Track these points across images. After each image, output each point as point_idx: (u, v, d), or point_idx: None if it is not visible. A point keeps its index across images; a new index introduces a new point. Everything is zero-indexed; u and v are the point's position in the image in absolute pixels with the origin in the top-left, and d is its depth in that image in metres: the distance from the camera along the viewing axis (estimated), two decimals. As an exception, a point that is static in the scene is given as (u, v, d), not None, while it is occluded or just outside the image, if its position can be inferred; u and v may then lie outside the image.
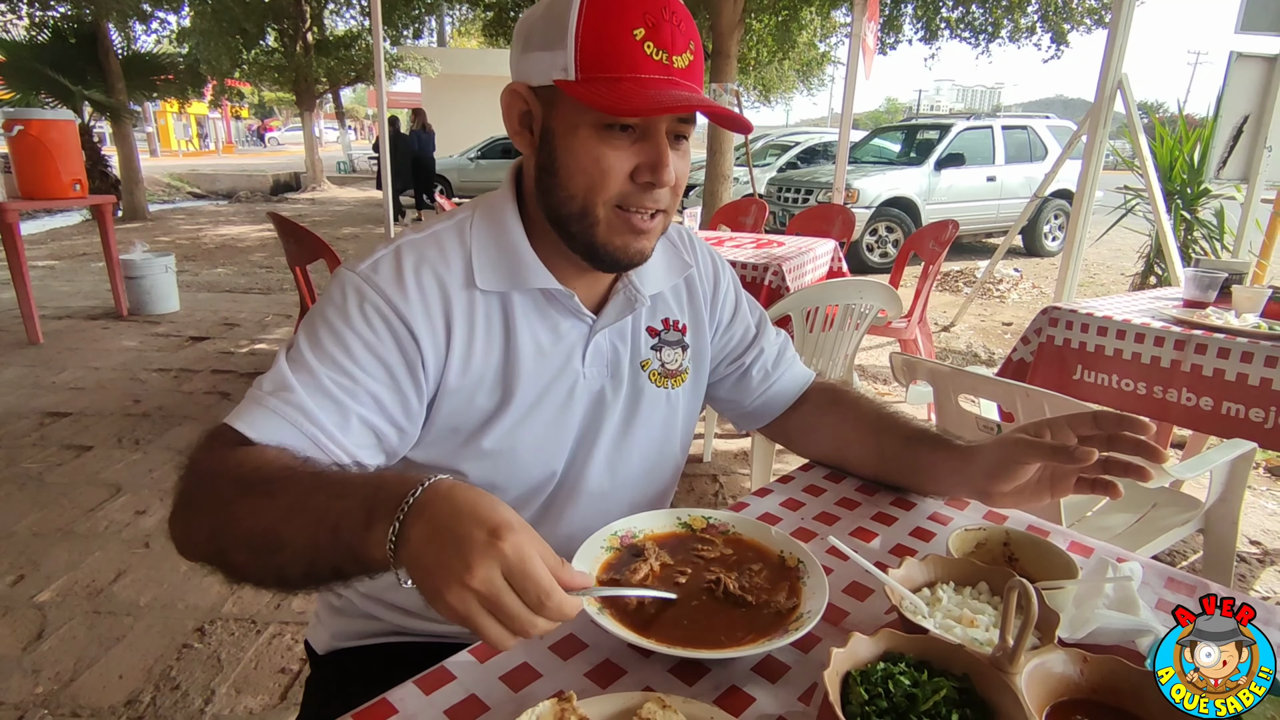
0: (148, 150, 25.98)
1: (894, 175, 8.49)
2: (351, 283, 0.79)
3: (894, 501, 0.94)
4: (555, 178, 0.79)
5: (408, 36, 16.50)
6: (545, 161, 0.80)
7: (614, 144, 0.75)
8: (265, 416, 0.72)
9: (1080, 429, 0.76)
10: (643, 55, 0.72)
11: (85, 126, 10.20)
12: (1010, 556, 0.74)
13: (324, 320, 0.78)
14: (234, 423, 0.72)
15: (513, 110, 0.81)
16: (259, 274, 7.12)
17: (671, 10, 0.73)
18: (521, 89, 0.79)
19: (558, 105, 0.77)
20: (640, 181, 0.77)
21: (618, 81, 0.72)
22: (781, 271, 2.89)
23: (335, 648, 0.95)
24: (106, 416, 3.42)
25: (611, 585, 0.68)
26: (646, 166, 0.76)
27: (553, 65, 0.74)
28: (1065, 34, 11.45)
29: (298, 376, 0.74)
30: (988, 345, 5.16)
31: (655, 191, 0.78)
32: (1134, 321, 1.97)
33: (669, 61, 0.73)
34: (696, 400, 1.04)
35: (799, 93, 19.06)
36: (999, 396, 1.48)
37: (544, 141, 0.79)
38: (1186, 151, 5.15)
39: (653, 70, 0.73)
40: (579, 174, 0.77)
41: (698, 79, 0.77)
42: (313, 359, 0.75)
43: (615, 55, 0.72)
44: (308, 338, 0.77)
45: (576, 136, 0.76)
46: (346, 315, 0.77)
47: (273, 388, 0.73)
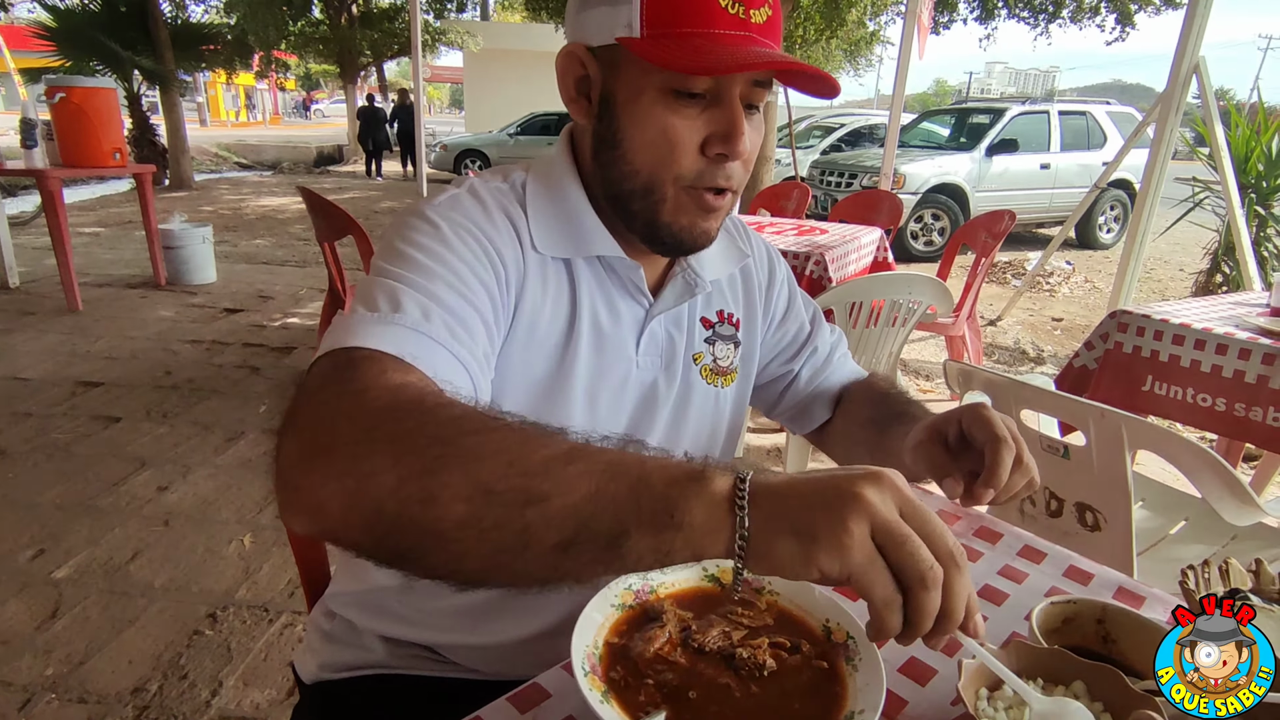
0: (197, 120, 26.45)
1: (942, 160, 8.16)
2: (436, 211, 0.71)
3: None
4: (617, 150, 0.71)
5: (451, 10, 16.43)
6: (605, 133, 0.72)
7: (683, 112, 0.67)
8: (410, 338, 0.59)
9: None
10: (718, 8, 0.64)
11: (135, 95, 10.36)
12: (1106, 637, 0.61)
13: (415, 244, 0.67)
14: (379, 345, 0.57)
15: (568, 75, 0.73)
16: (296, 246, 7.14)
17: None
18: (579, 50, 0.71)
19: (621, 67, 0.69)
20: (712, 154, 0.68)
21: (689, 37, 0.64)
22: (824, 261, 2.74)
23: (321, 679, 0.87)
24: (137, 388, 3.42)
25: (621, 655, 0.57)
26: (719, 137, 0.68)
27: (615, 21, 0.66)
28: (1132, 15, 10.90)
29: (418, 300, 0.62)
30: (1036, 341, 4.92)
31: (727, 165, 0.70)
32: (1215, 330, 1.79)
33: (746, 16, 0.65)
34: (743, 404, 0.95)
35: (845, 73, 18.54)
36: (1068, 415, 1.33)
37: (604, 110, 0.71)
38: (1265, 141, 4.82)
39: (728, 25, 0.64)
40: (645, 147, 0.69)
41: (776, 37, 0.68)
42: (424, 279, 0.64)
43: (687, 8, 0.64)
44: (402, 259, 0.66)
45: (640, 103, 0.68)
46: (443, 237, 0.68)
47: (393, 308, 0.60)
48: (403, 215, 0.73)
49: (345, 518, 0.48)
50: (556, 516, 0.45)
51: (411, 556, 0.48)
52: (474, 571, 0.47)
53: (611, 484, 0.46)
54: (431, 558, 0.47)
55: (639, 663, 0.56)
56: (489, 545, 0.46)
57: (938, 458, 0.73)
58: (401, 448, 0.48)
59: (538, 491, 0.46)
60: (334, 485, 0.48)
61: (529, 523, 0.45)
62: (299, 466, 0.50)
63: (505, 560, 0.46)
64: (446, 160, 13.71)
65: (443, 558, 0.47)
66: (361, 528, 0.48)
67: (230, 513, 2.41)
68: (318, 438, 0.50)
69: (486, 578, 0.48)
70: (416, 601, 0.83)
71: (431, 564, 0.48)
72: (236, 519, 2.37)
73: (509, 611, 0.81)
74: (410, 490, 0.46)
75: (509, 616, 0.80)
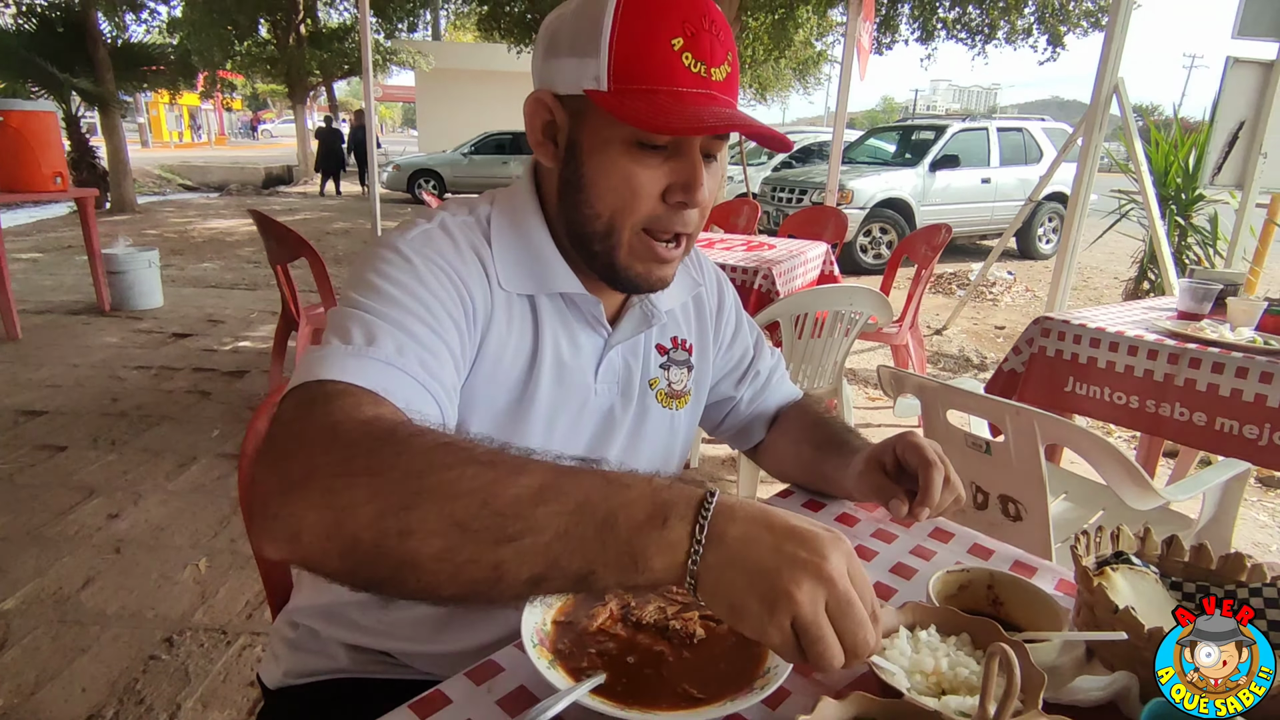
0: (139, 141, 25.77)
1: (889, 176, 8.45)
2: (409, 245, 0.73)
3: (875, 533, 0.89)
4: (581, 194, 0.74)
5: (402, 30, 16.39)
6: (571, 176, 0.75)
7: (646, 162, 0.71)
8: (384, 372, 0.61)
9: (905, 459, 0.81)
10: (680, 67, 0.67)
11: (73, 117, 10.11)
12: (995, 600, 0.69)
13: (388, 277, 0.69)
14: (353, 379, 0.59)
15: (536, 120, 0.76)
16: (246, 269, 7.03)
17: (711, 19, 0.69)
18: (546, 97, 0.74)
19: (587, 117, 0.72)
20: (672, 202, 0.72)
21: (654, 95, 0.67)
22: (771, 275, 2.85)
23: (286, 684, 0.90)
24: (83, 416, 3.35)
25: (568, 632, 0.64)
26: (679, 186, 0.72)
27: (583, 73, 0.69)
28: (1061, 36, 11.43)
29: (391, 333, 0.64)
30: (980, 349, 5.13)
31: (685, 213, 0.74)
32: (1127, 333, 1.93)
33: (707, 74, 0.69)
34: (694, 423, 1.01)
35: (795, 92, 19.01)
36: (989, 413, 1.43)
37: (570, 155, 0.75)
38: (1182, 156, 5.13)
39: (690, 83, 0.68)
40: (608, 193, 0.73)
41: (734, 92, 0.73)
42: (397, 313, 0.67)
43: (652, 66, 0.67)
44: (376, 292, 0.68)
45: (606, 153, 0.71)
46: (416, 272, 0.70)
47: (367, 341, 0.63)
48: (376, 247, 0.74)
49: (322, 547, 0.50)
50: (528, 554, 0.49)
51: (388, 584, 0.51)
52: (448, 598, 0.51)
53: (580, 526, 0.49)
54: (407, 586, 0.50)
55: (583, 636, 0.63)
56: (464, 577, 0.50)
57: (880, 482, 0.83)
58: (379, 481, 0.50)
59: (510, 531, 0.49)
60: (313, 516, 0.50)
61: (501, 559, 0.49)
62: (277, 497, 0.52)
63: (479, 590, 0.50)
64: (400, 180, 13.63)
65: (418, 586, 0.50)
66: (339, 556, 0.50)
67: (184, 538, 2.39)
68: (295, 469, 0.53)
69: (461, 603, 0.52)
70: (377, 613, 0.86)
71: (407, 591, 0.51)
72: (191, 544, 2.35)
73: (468, 621, 0.84)
74: (388, 524, 0.49)
75: (468, 626, 0.84)
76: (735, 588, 0.49)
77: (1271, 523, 2.80)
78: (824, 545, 0.49)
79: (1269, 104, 3.87)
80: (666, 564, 0.50)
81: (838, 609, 0.48)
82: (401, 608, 0.85)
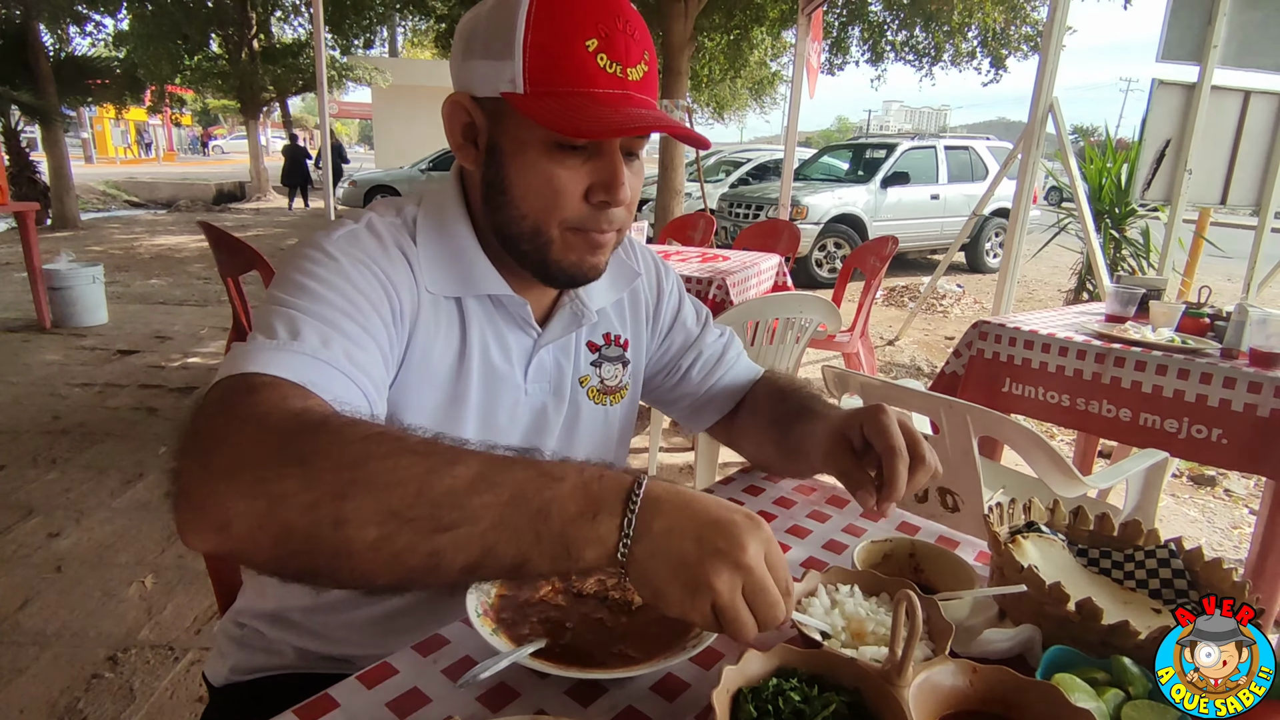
0: (83, 157, 25.01)
1: (842, 192, 8.67)
2: (335, 244, 0.73)
3: (810, 514, 0.94)
4: (505, 196, 0.75)
5: (358, 46, 16.25)
6: (493, 179, 0.76)
7: (566, 163, 0.71)
8: (309, 364, 0.61)
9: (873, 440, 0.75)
10: (595, 68, 0.68)
11: (12, 130, 9.79)
12: (916, 567, 0.74)
13: (313, 275, 0.69)
14: (278, 372, 0.59)
15: (455, 122, 0.77)
16: (195, 285, 6.88)
17: (625, 19, 0.70)
18: (464, 100, 0.75)
19: (505, 119, 0.72)
20: (595, 201, 0.73)
21: (569, 96, 0.68)
22: (725, 285, 2.91)
23: (232, 681, 0.90)
24: (21, 434, 3.24)
25: (510, 603, 0.66)
26: (600, 186, 0.73)
27: (499, 76, 0.70)
28: (1004, 59, 11.91)
29: (316, 328, 0.64)
30: (931, 359, 5.28)
31: (610, 211, 0.75)
32: (1058, 335, 2.03)
33: (623, 74, 0.69)
34: (632, 416, 1.02)
35: (752, 111, 19.39)
36: (925, 409, 1.50)
37: (491, 158, 0.75)
38: (1114, 173, 5.38)
39: (606, 84, 0.69)
40: (530, 194, 0.73)
41: (652, 91, 0.74)
42: (322, 308, 0.67)
43: (566, 68, 0.68)
44: (301, 290, 0.68)
45: (526, 155, 0.72)
46: (342, 270, 0.71)
47: (291, 335, 0.63)
48: (300, 248, 0.74)
49: (253, 536, 0.50)
50: (464, 543, 0.50)
51: (321, 574, 0.51)
52: (383, 587, 0.51)
53: (514, 516, 0.51)
54: (341, 575, 0.51)
55: (525, 606, 0.65)
56: (400, 565, 0.50)
57: (846, 464, 0.78)
58: (312, 470, 0.50)
59: (446, 521, 0.50)
60: (243, 505, 0.50)
61: (438, 547, 0.50)
62: (203, 486, 0.51)
63: (415, 577, 0.51)
64: (356, 196, 13.49)
65: (352, 575, 0.51)
66: (271, 546, 0.50)
67: (130, 555, 2.33)
68: (222, 459, 0.52)
69: (396, 590, 0.52)
70: (322, 617, 0.87)
71: (341, 580, 0.51)
72: (136, 561, 2.30)
73: (417, 623, 0.85)
74: (322, 513, 0.49)
75: (417, 628, 0.83)
76: (660, 577, 0.52)
77: (1201, 518, 2.94)
78: (742, 535, 0.52)
79: (1192, 123, 4.10)
80: (597, 555, 0.52)
81: (752, 593, 0.52)
82: (347, 609, 0.86)
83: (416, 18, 14.69)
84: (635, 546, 0.52)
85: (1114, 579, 0.75)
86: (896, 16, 11.99)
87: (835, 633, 0.61)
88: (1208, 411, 1.76)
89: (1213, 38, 4.01)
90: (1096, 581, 0.75)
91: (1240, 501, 3.07)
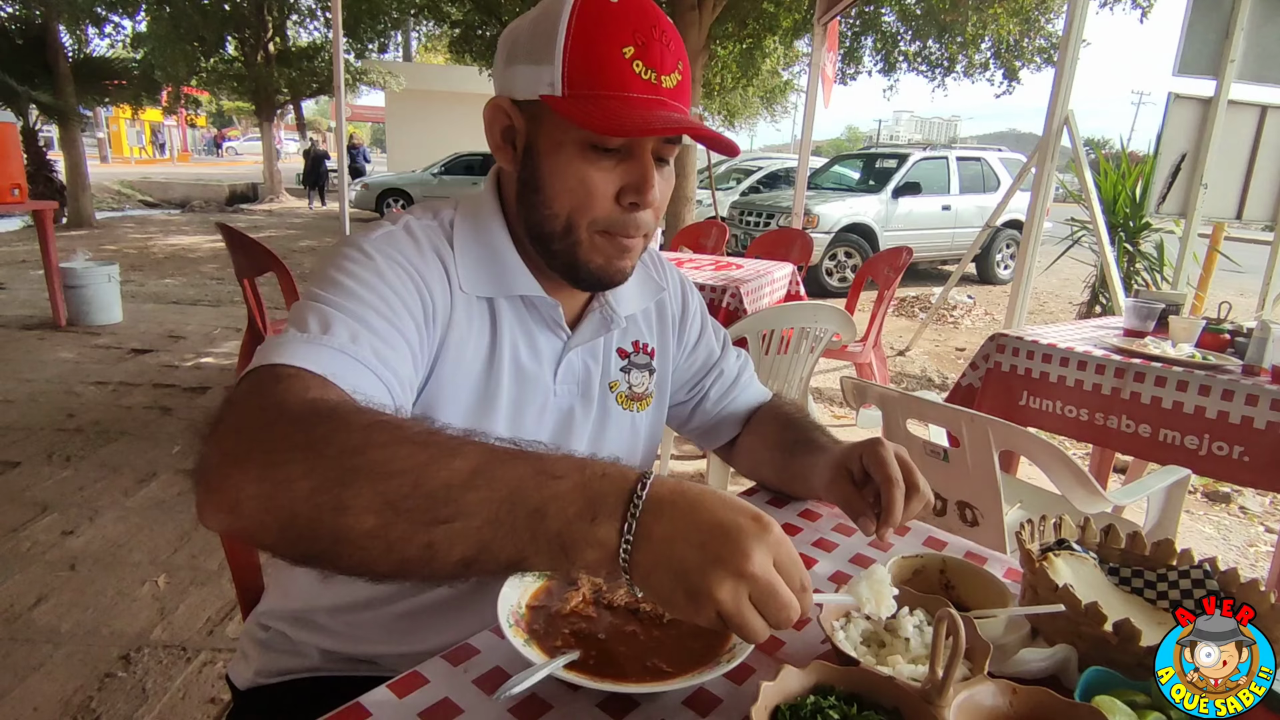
0: (98, 156, 25.21)
1: (853, 202, 8.66)
2: (372, 244, 0.75)
3: (836, 528, 0.93)
4: (539, 195, 0.77)
5: (373, 50, 16.38)
6: (528, 178, 0.78)
7: (599, 164, 0.74)
8: (335, 358, 0.63)
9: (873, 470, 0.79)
10: (631, 74, 0.71)
11: (31, 130, 9.88)
12: (947, 584, 0.73)
13: (349, 273, 0.72)
14: (304, 364, 0.61)
15: (495, 124, 0.80)
16: (209, 285, 6.93)
17: (661, 29, 0.72)
18: (505, 103, 0.78)
19: (543, 121, 0.75)
20: (625, 203, 0.75)
21: (606, 100, 0.70)
22: (739, 294, 2.91)
23: (258, 684, 0.90)
24: (37, 431, 3.26)
25: (542, 614, 0.66)
26: (631, 188, 0.75)
27: (539, 80, 0.72)
28: (1016, 71, 11.91)
29: (346, 323, 0.67)
30: (941, 370, 5.26)
31: (638, 214, 0.77)
32: (1077, 349, 2.02)
33: (657, 81, 0.72)
34: (659, 425, 1.03)
35: (763, 119, 19.41)
36: (945, 421, 1.49)
37: (527, 158, 0.78)
38: (1129, 186, 5.36)
39: (641, 90, 0.71)
40: (564, 193, 0.75)
41: (685, 99, 0.76)
42: (354, 305, 0.69)
43: (604, 73, 0.70)
44: (336, 287, 0.70)
45: (561, 155, 0.74)
46: (377, 268, 0.73)
47: (322, 329, 0.65)
48: (339, 246, 0.77)
49: (261, 519, 0.52)
50: (459, 537, 0.50)
51: (325, 558, 0.52)
52: (384, 575, 0.52)
53: (510, 514, 0.50)
54: (343, 561, 0.52)
55: (557, 618, 0.65)
56: (397, 555, 0.51)
57: (847, 493, 0.82)
58: (315, 456, 0.52)
59: (441, 514, 0.50)
60: (251, 489, 0.52)
61: (432, 540, 0.50)
62: (219, 470, 0.54)
63: (413, 567, 0.51)
64: (368, 199, 13.59)
65: (353, 562, 0.52)
66: (277, 529, 0.52)
67: (143, 554, 2.34)
68: (238, 444, 0.55)
69: (397, 580, 0.52)
70: (346, 616, 0.87)
71: (344, 566, 0.52)
72: (150, 560, 2.31)
73: (440, 622, 0.85)
74: (323, 499, 0.51)
75: (440, 627, 0.85)
76: (662, 584, 0.51)
77: (1216, 535, 2.91)
78: (747, 542, 0.49)
79: (1208, 138, 4.08)
80: (597, 557, 0.51)
81: (760, 599, 0.50)
82: (370, 609, 0.86)
83: (431, 23, 14.78)
84: (636, 552, 0.51)
85: (1146, 599, 0.74)
86: (910, 27, 12.00)
87: (872, 653, 0.60)
88: (1229, 428, 1.74)
89: (1230, 52, 3.99)
90: (1130, 601, 0.74)
91: (1256, 519, 3.05)
